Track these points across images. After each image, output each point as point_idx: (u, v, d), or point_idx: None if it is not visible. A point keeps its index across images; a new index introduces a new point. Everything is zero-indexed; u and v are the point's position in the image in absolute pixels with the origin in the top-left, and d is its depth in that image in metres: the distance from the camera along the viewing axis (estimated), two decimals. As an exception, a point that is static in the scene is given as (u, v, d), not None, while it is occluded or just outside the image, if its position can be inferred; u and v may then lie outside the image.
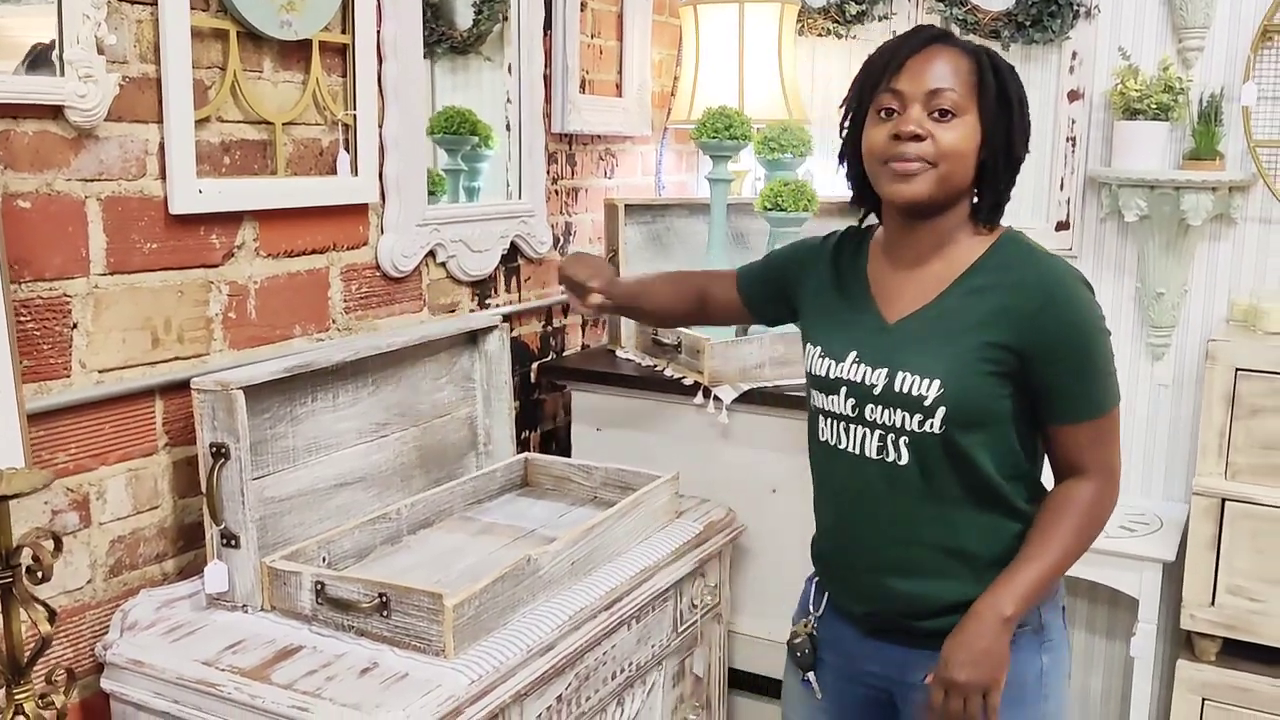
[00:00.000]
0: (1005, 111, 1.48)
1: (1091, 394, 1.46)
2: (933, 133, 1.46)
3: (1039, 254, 1.50)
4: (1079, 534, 1.49)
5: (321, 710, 1.41)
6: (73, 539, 1.60)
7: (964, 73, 1.47)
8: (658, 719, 1.99)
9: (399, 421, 2.04)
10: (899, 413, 1.48)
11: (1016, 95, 1.50)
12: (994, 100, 1.47)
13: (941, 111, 1.46)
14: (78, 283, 1.57)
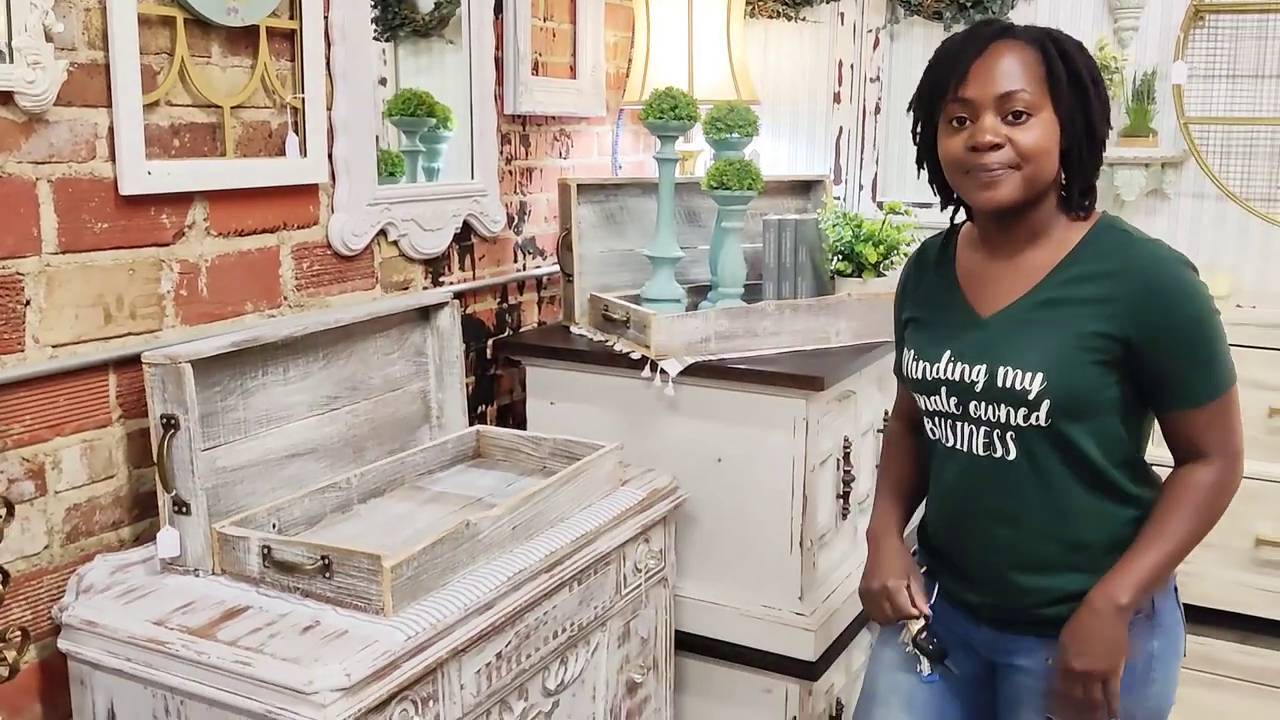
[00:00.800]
0: (1081, 97, 1.46)
1: (1207, 378, 1.46)
2: (1010, 137, 1.45)
3: (1139, 239, 1.49)
4: (1199, 520, 1.49)
5: (263, 664, 1.49)
6: (29, 507, 1.67)
7: (1032, 67, 1.45)
8: (602, 677, 2.07)
9: (350, 395, 2.11)
10: (1003, 408, 1.49)
11: (1090, 76, 1.47)
12: (1068, 89, 1.45)
13: (1015, 114, 1.44)
14: (30, 261, 1.64)
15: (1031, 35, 1.48)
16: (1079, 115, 1.46)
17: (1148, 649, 1.54)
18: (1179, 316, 1.44)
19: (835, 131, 3.09)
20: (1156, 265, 1.45)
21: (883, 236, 2.59)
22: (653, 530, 2.19)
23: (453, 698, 1.67)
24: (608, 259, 2.80)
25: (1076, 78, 1.46)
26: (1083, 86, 1.47)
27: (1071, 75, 1.46)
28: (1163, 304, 1.43)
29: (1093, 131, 1.48)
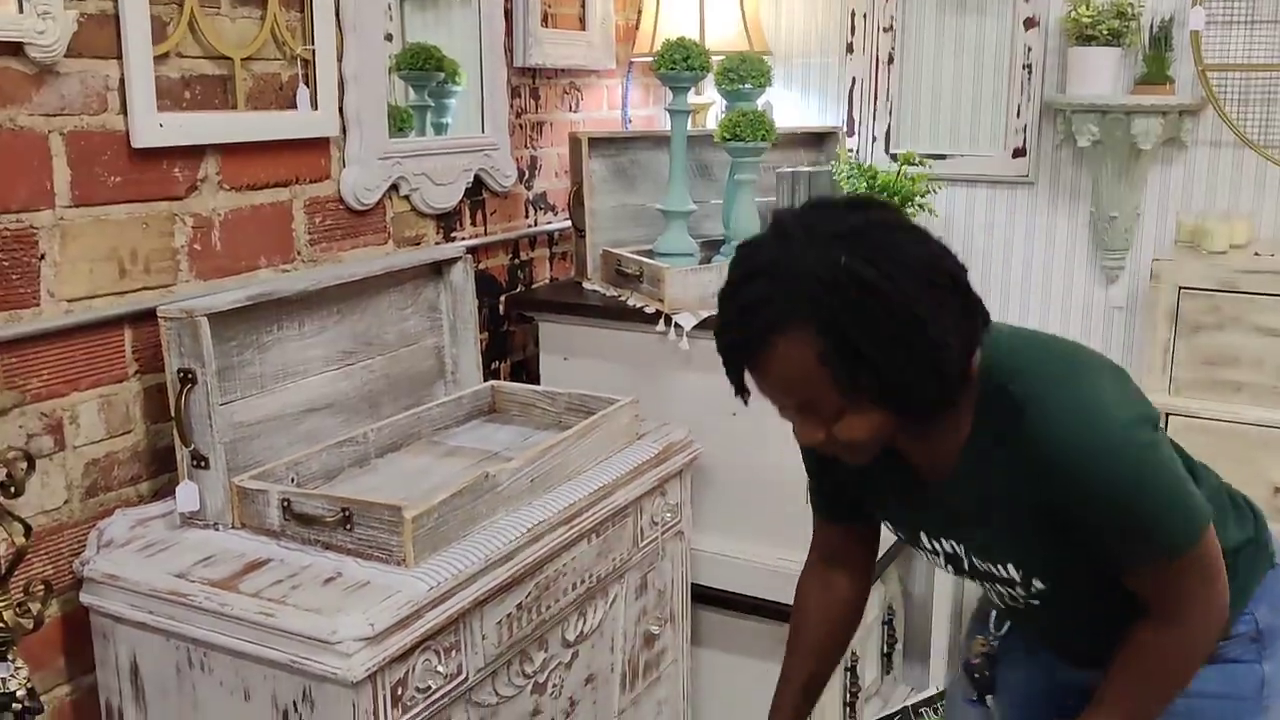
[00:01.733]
0: (879, 375, 1.19)
1: (1145, 538, 1.26)
2: (829, 432, 1.26)
3: (1053, 414, 1.24)
4: (1153, 687, 1.34)
5: (286, 615, 1.49)
6: (49, 461, 1.67)
7: (812, 370, 1.19)
8: (620, 628, 2.08)
9: (365, 351, 2.10)
10: (1000, 585, 1.40)
11: (880, 346, 1.17)
12: (857, 381, 1.20)
13: (826, 417, 1.25)
14: (44, 215, 1.63)
15: (797, 314, 1.17)
16: (886, 387, 1.21)
17: (1257, 674, 1.41)
18: (1089, 489, 1.23)
19: (848, 83, 3.06)
20: (1047, 439, 1.23)
21: (897, 188, 2.57)
22: (669, 484, 2.19)
23: (475, 648, 1.67)
24: (619, 214, 2.78)
25: (862, 357, 1.18)
26: (877, 358, 1.18)
27: (858, 357, 1.18)
28: (1068, 479, 1.23)
29: (914, 385, 1.21)
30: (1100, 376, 1.29)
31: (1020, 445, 1.25)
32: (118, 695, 1.69)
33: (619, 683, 2.10)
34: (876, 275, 1.17)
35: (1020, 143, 2.87)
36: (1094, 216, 2.81)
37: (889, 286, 1.17)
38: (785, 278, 1.19)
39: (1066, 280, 2.91)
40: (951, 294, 1.22)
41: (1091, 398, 1.25)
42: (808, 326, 1.17)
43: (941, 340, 1.20)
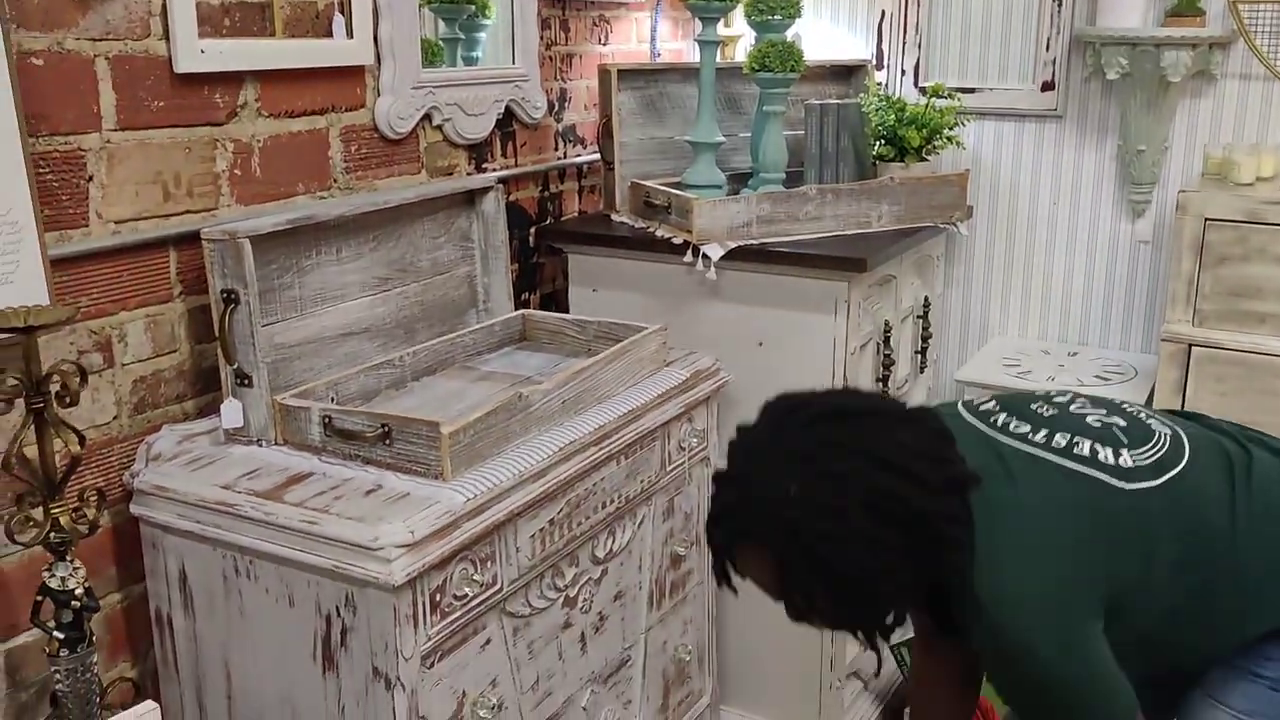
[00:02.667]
0: (830, 601, 1.34)
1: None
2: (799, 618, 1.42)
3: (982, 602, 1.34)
4: None
5: (329, 523, 1.56)
6: (98, 378, 1.73)
7: (772, 582, 1.37)
8: (648, 548, 2.14)
9: (400, 277, 2.15)
10: None
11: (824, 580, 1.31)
12: (811, 599, 1.36)
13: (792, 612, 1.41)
14: (91, 137, 1.67)
15: (753, 531, 1.34)
16: (831, 607, 1.36)
17: None
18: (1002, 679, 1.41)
19: (877, 15, 3.05)
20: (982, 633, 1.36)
21: (926, 120, 2.58)
22: (696, 410, 2.24)
23: (509, 559, 1.73)
24: (648, 146, 2.81)
25: (807, 583, 1.32)
26: (823, 587, 1.32)
27: (800, 579, 1.33)
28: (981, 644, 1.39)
29: (856, 606, 1.36)
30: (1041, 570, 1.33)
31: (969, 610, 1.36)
32: (167, 603, 1.77)
33: (646, 600, 2.16)
34: (819, 512, 1.27)
35: (1049, 76, 2.87)
36: (1121, 150, 2.81)
37: (829, 524, 1.26)
38: (746, 494, 1.34)
39: (1093, 214, 2.92)
40: (901, 528, 1.28)
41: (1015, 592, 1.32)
42: (760, 544, 1.33)
43: (886, 566, 1.28)
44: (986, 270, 3.08)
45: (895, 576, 1.30)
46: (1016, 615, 1.32)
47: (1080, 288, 2.98)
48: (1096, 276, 2.94)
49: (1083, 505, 1.36)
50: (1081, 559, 1.34)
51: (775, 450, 1.33)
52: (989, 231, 3.05)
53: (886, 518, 1.27)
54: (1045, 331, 3.04)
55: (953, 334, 3.12)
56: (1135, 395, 2.64)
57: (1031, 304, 3.04)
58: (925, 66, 3.03)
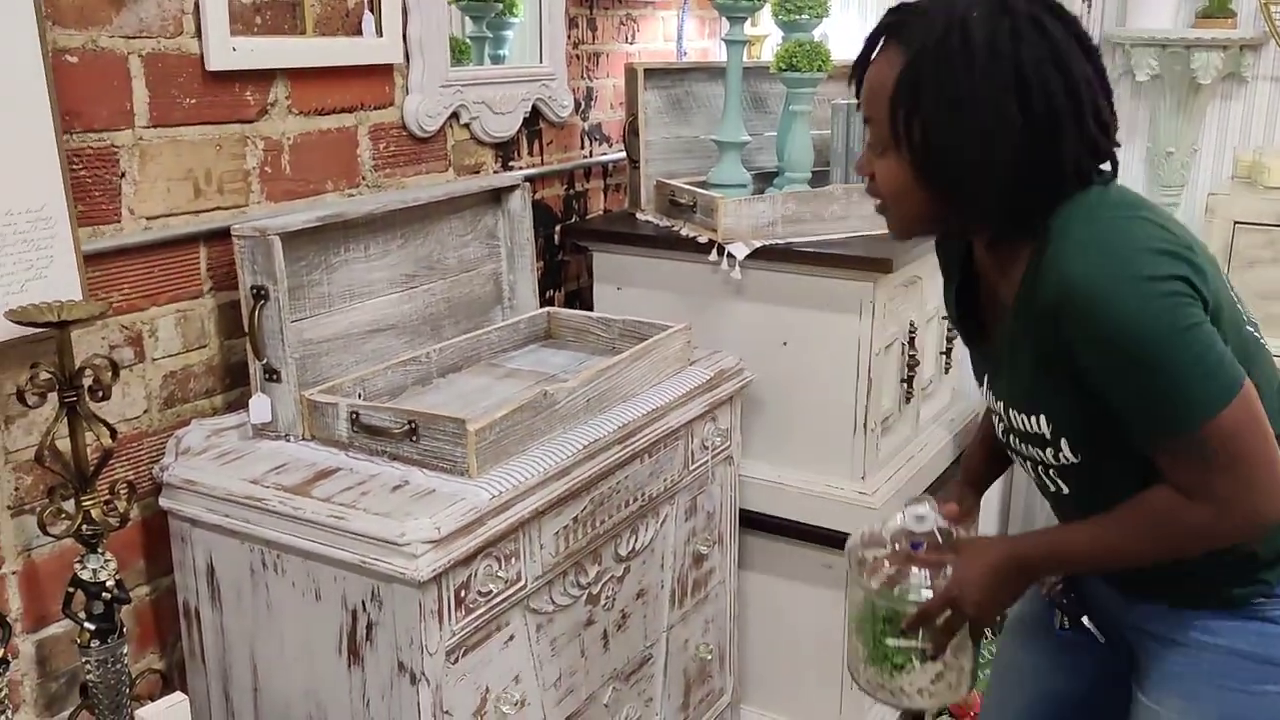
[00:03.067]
0: (927, 129, 1.20)
1: (1152, 399, 1.18)
2: (874, 169, 1.29)
3: (1071, 246, 1.20)
4: (1142, 536, 1.26)
5: (357, 519, 1.57)
6: (129, 372, 1.75)
7: (887, 85, 1.22)
8: (671, 547, 2.14)
9: (427, 275, 2.16)
10: (1034, 447, 1.34)
11: (949, 97, 1.18)
12: (909, 120, 1.21)
13: (874, 145, 1.28)
14: (124, 134, 1.69)
15: (912, 41, 1.20)
16: (926, 150, 1.21)
17: None
18: (1095, 341, 1.18)
19: (904, 16, 3.04)
20: (1069, 283, 1.18)
21: (952, 121, 2.57)
22: (719, 409, 2.24)
23: (533, 556, 1.74)
24: (673, 145, 2.81)
25: (919, 98, 1.20)
26: (929, 110, 1.19)
27: (916, 95, 1.20)
28: (1076, 326, 1.19)
29: (950, 171, 1.21)
30: (1146, 224, 1.20)
31: (1041, 285, 1.22)
32: (195, 596, 1.78)
33: (668, 599, 2.17)
34: (984, 44, 1.17)
35: (1078, 77, 2.85)
36: (1150, 152, 2.80)
37: (984, 62, 1.17)
38: (916, 8, 1.24)
39: (1120, 217, 2.90)
40: (1036, 123, 1.18)
41: (1119, 241, 1.18)
42: (903, 49, 1.21)
43: (992, 147, 1.19)
44: (1012, 272, 3.06)
45: (998, 152, 1.19)
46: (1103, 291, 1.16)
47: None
48: (1123, 279, 2.92)
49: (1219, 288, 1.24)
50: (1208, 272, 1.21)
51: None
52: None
53: (1032, 104, 1.18)
54: (1071, 333, 3.02)
55: (977, 335, 3.11)
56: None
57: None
58: (952, 67, 3.01)
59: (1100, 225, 1.20)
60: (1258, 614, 1.33)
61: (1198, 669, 1.36)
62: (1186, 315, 1.16)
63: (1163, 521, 1.25)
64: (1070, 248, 1.19)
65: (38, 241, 1.54)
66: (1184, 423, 1.18)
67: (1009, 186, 1.21)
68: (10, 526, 1.61)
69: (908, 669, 1.43)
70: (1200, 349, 1.16)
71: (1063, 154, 1.21)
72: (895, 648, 1.42)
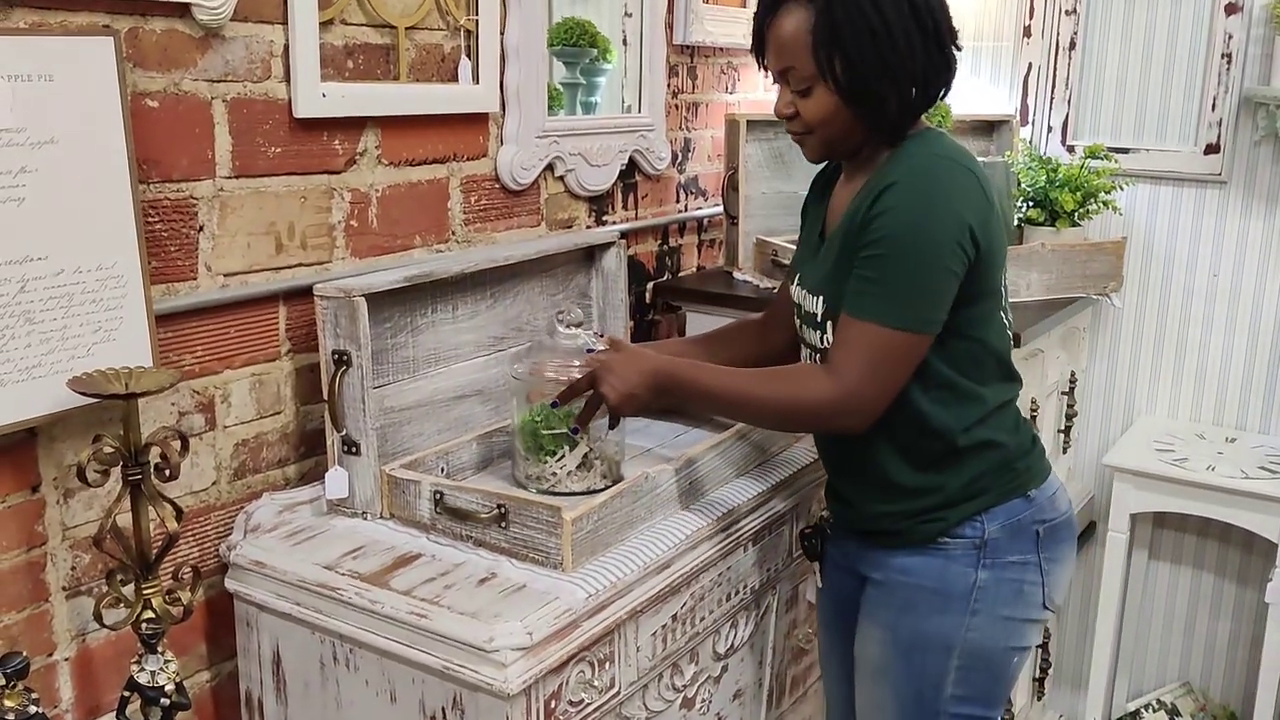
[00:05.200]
0: (850, 58, 1.44)
1: (861, 290, 1.45)
2: (797, 108, 1.51)
3: (904, 154, 1.49)
4: (765, 385, 1.53)
5: (440, 617, 1.41)
6: (198, 441, 1.62)
7: (802, 36, 1.45)
8: (770, 642, 1.96)
9: (516, 336, 2.01)
10: (811, 330, 1.60)
11: (865, 27, 1.43)
12: (830, 55, 1.44)
13: (797, 87, 1.50)
14: (204, 185, 1.57)
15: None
16: (851, 79, 1.45)
17: (969, 578, 1.56)
18: (876, 222, 1.44)
19: (1024, 68, 2.86)
20: (888, 176, 1.46)
21: (1081, 182, 2.39)
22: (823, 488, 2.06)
23: (628, 660, 1.57)
24: (772, 201, 2.66)
25: (839, 39, 1.43)
26: (849, 46, 1.43)
27: (835, 37, 1.43)
28: (872, 209, 1.44)
29: (872, 90, 1.46)
30: (968, 174, 1.48)
31: (868, 186, 1.48)
32: (258, 685, 1.64)
33: (766, 698, 1.98)
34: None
35: (1214, 138, 2.65)
36: (1295, 219, 2.59)
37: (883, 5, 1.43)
38: None
39: (1259, 291, 2.69)
40: (928, 36, 1.46)
41: (943, 179, 1.45)
42: (807, 4, 1.44)
43: (904, 65, 1.45)
44: (1135, 344, 2.85)
45: (908, 72, 1.46)
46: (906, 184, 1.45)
47: (1240, 367, 2.74)
48: (1260, 356, 2.70)
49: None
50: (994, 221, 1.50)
51: None
52: (1140, 303, 2.83)
53: (924, 27, 1.45)
54: (1198, 414, 2.80)
55: (1095, 412, 2.89)
56: (1308, 491, 2.40)
57: (1184, 383, 2.81)
58: (1074, 123, 2.83)
59: (933, 162, 1.48)
60: (941, 551, 1.57)
61: (891, 601, 1.61)
62: (947, 254, 1.42)
63: (789, 377, 1.54)
64: (903, 161, 1.48)
65: (107, 301, 1.41)
66: (870, 313, 1.44)
67: (914, 91, 1.48)
68: (65, 609, 1.47)
69: (559, 454, 1.70)
70: (929, 283, 1.43)
71: (949, 58, 1.51)
72: (548, 435, 1.69)
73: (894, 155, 1.51)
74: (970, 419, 1.54)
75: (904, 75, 1.46)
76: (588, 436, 1.68)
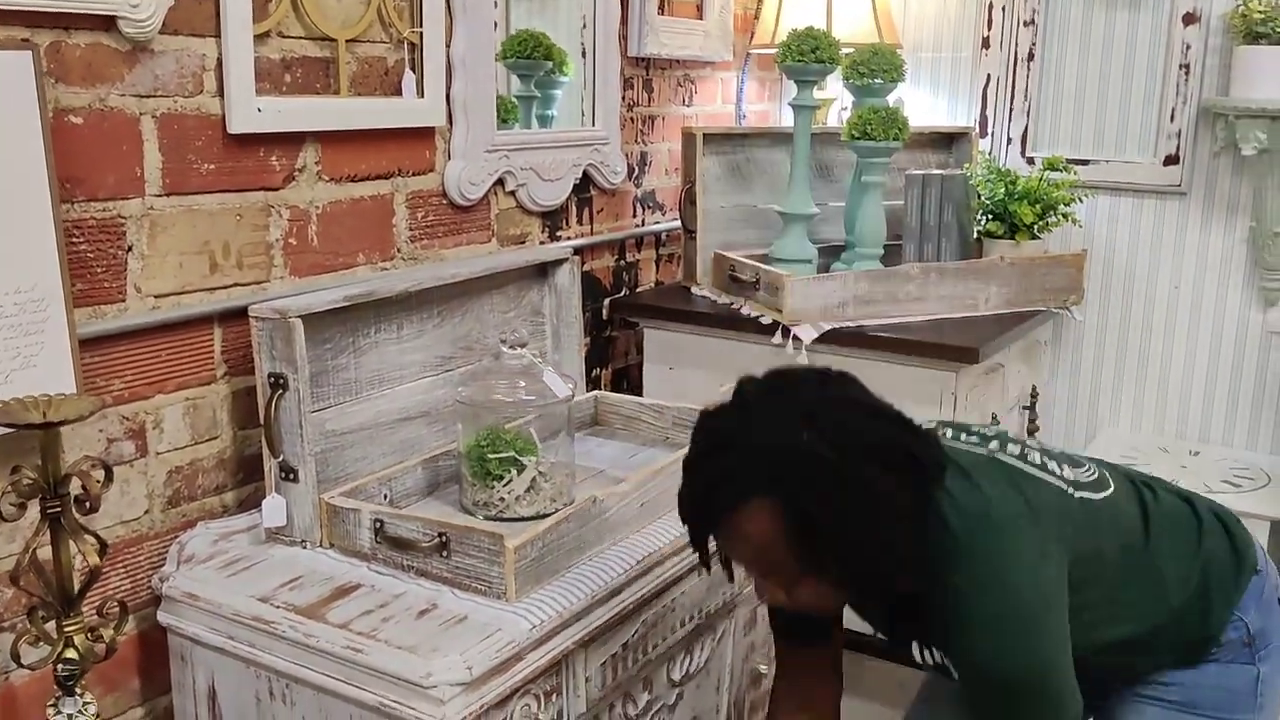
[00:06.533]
0: (841, 554, 1.24)
1: (968, 651, 1.31)
2: (788, 594, 1.32)
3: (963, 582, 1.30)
4: None
5: (377, 652, 1.36)
6: (129, 468, 1.56)
7: (776, 542, 1.24)
8: (727, 666, 1.91)
9: (464, 356, 1.96)
10: None
11: (843, 534, 1.22)
12: (823, 560, 1.25)
13: (782, 583, 1.31)
14: (132, 203, 1.51)
15: (760, 484, 1.21)
16: (845, 568, 1.26)
17: (1251, 673, 1.46)
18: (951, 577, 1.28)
19: (983, 80, 2.84)
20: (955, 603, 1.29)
21: (1040, 194, 2.37)
22: (784, 510, 2.02)
23: (576, 691, 1.52)
24: (731, 215, 2.63)
25: (820, 539, 1.22)
26: (835, 533, 1.22)
27: (816, 539, 1.22)
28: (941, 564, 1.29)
29: (867, 566, 1.26)
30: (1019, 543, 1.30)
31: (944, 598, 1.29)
32: (194, 721, 1.58)
33: (724, 725, 1.94)
34: (836, 456, 1.20)
35: (1173, 149, 2.64)
36: (1254, 232, 2.57)
37: (847, 469, 1.20)
38: (747, 452, 1.23)
39: (1219, 301, 2.67)
40: (905, 473, 1.25)
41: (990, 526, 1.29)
42: (768, 501, 1.21)
43: (897, 518, 1.24)
44: (1097, 358, 2.83)
45: (904, 522, 1.25)
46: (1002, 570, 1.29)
47: (1202, 380, 2.72)
48: (1221, 368, 2.69)
49: (1042, 497, 1.35)
50: (1049, 531, 1.33)
51: (774, 408, 1.26)
52: (1101, 315, 2.81)
53: (894, 464, 1.25)
54: (1161, 426, 2.78)
55: (1057, 426, 2.87)
56: (1271, 506, 2.37)
57: (1146, 396, 2.79)
58: (1034, 134, 2.81)
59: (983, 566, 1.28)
60: (1213, 659, 1.45)
61: (1170, 706, 1.46)
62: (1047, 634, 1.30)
63: None
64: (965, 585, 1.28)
65: (26, 326, 1.35)
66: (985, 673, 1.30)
67: (915, 530, 1.27)
68: (-15, 647, 1.41)
69: (507, 479, 1.66)
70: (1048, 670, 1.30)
71: (930, 475, 1.28)
72: (495, 459, 1.65)
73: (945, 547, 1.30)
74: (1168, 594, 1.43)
75: (900, 529, 1.25)
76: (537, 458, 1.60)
